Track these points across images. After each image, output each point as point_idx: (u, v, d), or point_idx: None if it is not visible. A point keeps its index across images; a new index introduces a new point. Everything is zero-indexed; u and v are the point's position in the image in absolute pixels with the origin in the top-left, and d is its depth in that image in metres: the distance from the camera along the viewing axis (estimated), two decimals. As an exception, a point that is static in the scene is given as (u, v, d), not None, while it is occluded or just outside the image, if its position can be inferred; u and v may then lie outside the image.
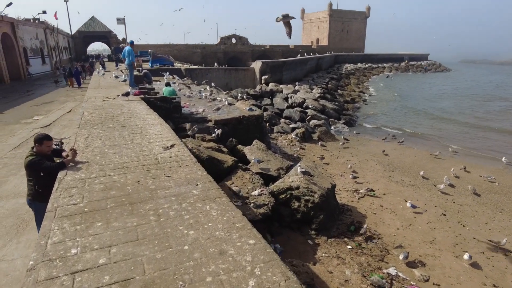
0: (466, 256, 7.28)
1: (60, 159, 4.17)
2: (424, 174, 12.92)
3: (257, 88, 25.61)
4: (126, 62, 12.05)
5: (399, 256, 7.36)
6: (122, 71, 20.32)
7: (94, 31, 57.86)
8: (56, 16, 44.13)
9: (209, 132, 10.57)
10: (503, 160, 14.69)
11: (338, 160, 14.06)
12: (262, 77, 27.18)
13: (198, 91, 16.08)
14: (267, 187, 8.17)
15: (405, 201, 10.51)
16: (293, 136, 16.16)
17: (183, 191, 3.20)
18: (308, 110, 21.29)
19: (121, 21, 48.99)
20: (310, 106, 21.61)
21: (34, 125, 11.94)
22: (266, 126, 12.68)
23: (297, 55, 48.93)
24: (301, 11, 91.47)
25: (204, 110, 11.87)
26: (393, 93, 40.01)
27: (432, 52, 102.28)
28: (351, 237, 8.22)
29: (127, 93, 9.23)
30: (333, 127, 20.31)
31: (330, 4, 79.12)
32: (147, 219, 2.68)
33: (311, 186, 8.07)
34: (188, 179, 3.52)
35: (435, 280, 6.77)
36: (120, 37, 56.30)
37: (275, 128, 18.04)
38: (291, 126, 18.83)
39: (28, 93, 21.48)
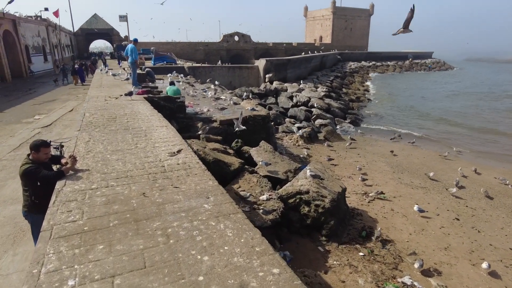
0: (484, 265, 6.94)
1: (58, 166, 3.88)
2: (434, 176, 12.56)
3: (262, 86, 25.24)
4: (129, 60, 11.75)
5: (414, 264, 7.03)
6: (124, 69, 20.03)
7: (96, 28, 57.55)
8: (57, 13, 43.78)
9: (214, 132, 10.28)
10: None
11: (345, 161, 13.72)
12: (266, 76, 26.80)
13: (202, 90, 15.77)
14: (275, 191, 7.87)
15: (417, 204, 10.19)
16: (299, 136, 15.82)
17: (193, 205, 2.89)
18: (313, 109, 20.93)
19: (124, 18, 48.62)
20: (316, 105, 21.25)
21: (35, 124, 11.67)
22: (272, 127, 12.35)
23: (300, 53, 48.49)
24: (304, 8, 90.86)
25: (209, 110, 11.56)
26: (398, 92, 39.54)
27: (437, 50, 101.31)
28: (362, 243, 7.90)
29: (130, 93, 8.92)
30: (339, 126, 19.95)
31: (334, 2, 78.45)
32: (155, 241, 2.37)
33: (321, 190, 7.75)
34: (198, 190, 3.22)
35: (452, 291, 6.46)
36: (122, 35, 55.97)
37: (280, 127, 17.71)
38: (296, 125, 18.49)
39: (30, 91, 21.23)
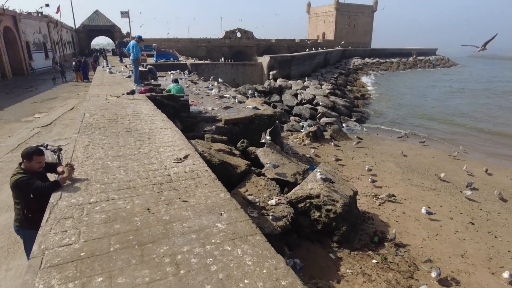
0: (506, 275, 6.59)
1: (55, 176, 3.52)
2: (444, 177, 12.18)
3: (266, 84, 24.83)
4: (131, 57, 11.38)
5: (431, 273, 6.68)
6: (126, 66, 19.66)
7: (98, 25, 57.12)
8: (58, 10, 43.38)
9: (219, 132, 9.93)
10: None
11: (353, 161, 13.34)
12: (270, 73, 26.37)
13: (205, 88, 15.40)
14: (284, 194, 7.54)
15: (429, 207, 9.84)
16: (305, 135, 15.45)
17: (204, 224, 2.53)
18: (318, 107, 20.53)
19: (125, 14, 48.16)
20: (321, 103, 20.84)
21: (35, 123, 11.34)
22: (279, 126, 11.98)
23: (302, 49, 47.92)
24: (307, 4, 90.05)
25: (213, 109, 11.20)
26: (402, 90, 39.03)
27: (440, 47, 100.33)
28: (375, 249, 7.56)
29: (133, 91, 8.57)
30: (345, 125, 19.55)
31: (337, -2, 77.72)
32: (163, 272, 2.02)
33: (333, 194, 7.40)
34: (209, 205, 2.86)
35: (473, 303, 6.12)
36: (124, 31, 55.54)
37: (284, 126, 17.34)
38: (301, 124, 18.12)
39: (31, 89, 20.92)
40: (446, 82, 49.78)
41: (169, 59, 27.16)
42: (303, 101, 21.66)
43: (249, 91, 19.64)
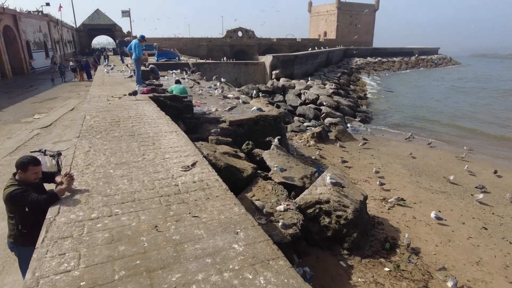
0: (525, 284, 6.28)
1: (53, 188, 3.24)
2: (454, 179, 11.89)
3: (269, 83, 24.51)
4: (132, 57, 11.09)
5: (447, 283, 6.40)
6: (127, 65, 19.39)
7: (98, 24, 56.84)
8: (60, 8, 43.13)
9: (224, 133, 9.64)
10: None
11: (359, 163, 13.05)
12: (273, 72, 26.05)
13: (208, 88, 15.11)
14: (293, 199, 7.26)
15: (439, 211, 9.55)
16: (310, 136, 15.17)
17: (219, 245, 2.24)
18: (322, 107, 20.22)
19: (126, 13, 47.85)
20: (325, 103, 20.53)
21: (34, 124, 11.07)
22: (284, 127, 11.69)
23: (304, 48, 47.61)
24: (308, 3, 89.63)
25: (217, 110, 10.93)
26: (406, 90, 38.71)
27: (442, 46, 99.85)
28: (387, 256, 7.29)
29: (135, 92, 8.29)
30: (349, 125, 19.25)
31: (339, -4, 77.33)
32: (177, 307, 1.74)
33: (343, 199, 7.12)
34: (223, 221, 2.58)
35: (493, 315, 5.83)
36: (125, 30, 55.25)
37: (288, 126, 17.05)
38: (305, 124, 17.84)
39: (31, 89, 20.67)
40: (450, 82, 49.42)
41: (170, 58, 26.87)
42: (306, 101, 21.35)
43: (253, 91, 19.32)
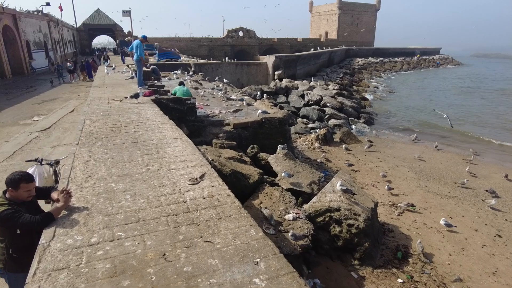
0: (547, 298, 5.98)
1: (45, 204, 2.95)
2: (467, 183, 11.58)
3: (272, 84, 24.19)
4: (134, 57, 10.80)
5: (465, 296, 6.09)
6: (128, 66, 19.10)
7: (99, 24, 56.54)
8: (60, 8, 42.82)
9: (228, 137, 9.33)
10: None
11: (366, 166, 12.74)
12: (275, 73, 25.73)
13: (211, 89, 14.82)
14: (301, 207, 6.96)
15: (450, 217, 9.26)
16: (314, 138, 14.87)
17: (238, 279, 1.93)
18: (326, 108, 19.92)
19: (127, 13, 47.49)
20: (328, 104, 20.22)
21: (33, 127, 10.77)
22: (289, 130, 11.39)
23: (305, 48, 47.29)
24: (309, 3, 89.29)
25: (220, 112, 10.63)
26: (409, 90, 38.38)
27: (444, 46, 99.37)
28: (399, 266, 7.00)
29: (137, 95, 7.99)
30: (354, 126, 18.94)
31: (340, -4, 76.99)
32: None
33: (354, 207, 6.82)
34: (240, 248, 2.28)
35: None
36: (125, 30, 54.96)
37: (292, 128, 16.75)
38: (309, 126, 17.54)
39: (31, 89, 20.38)
40: (454, 81, 49.05)
41: (171, 58, 26.57)
42: (310, 102, 21.05)
43: (258, 92, 18.99)
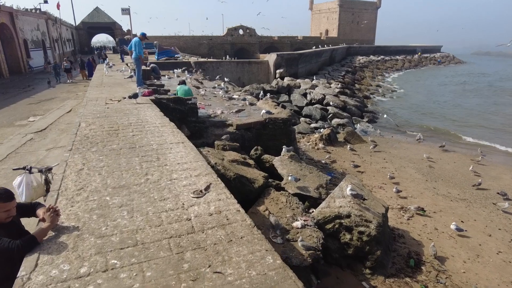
0: None
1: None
2: (481, 184, 11.24)
3: (273, 83, 23.78)
4: (133, 56, 10.43)
5: (484, 309, 5.74)
6: (127, 64, 18.71)
7: (98, 22, 56.07)
8: (58, 6, 42.36)
9: (230, 138, 8.98)
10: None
11: (372, 168, 12.39)
12: (277, 71, 25.31)
13: (212, 88, 14.44)
14: (309, 212, 6.61)
15: (462, 221, 8.92)
16: (318, 138, 14.51)
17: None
18: (329, 108, 19.54)
19: (126, 11, 47.05)
20: (331, 103, 19.84)
21: (28, 128, 10.40)
22: (294, 131, 11.02)
23: (305, 46, 46.87)
24: (309, 1, 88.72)
25: (222, 112, 10.27)
26: (412, 88, 38.01)
27: (444, 44, 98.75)
28: (412, 275, 6.66)
29: (135, 95, 7.62)
30: (357, 126, 18.56)
31: (341, -6, 76.46)
32: None
33: (365, 213, 6.46)
34: (256, 281, 1.88)
35: None
36: (125, 29, 54.50)
37: (295, 128, 16.39)
38: (312, 125, 17.17)
39: (28, 89, 20.01)
40: (455, 81, 48.67)
41: (171, 56, 26.17)
42: (312, 101, 20.67)
43: (260, 91, 18.59)
